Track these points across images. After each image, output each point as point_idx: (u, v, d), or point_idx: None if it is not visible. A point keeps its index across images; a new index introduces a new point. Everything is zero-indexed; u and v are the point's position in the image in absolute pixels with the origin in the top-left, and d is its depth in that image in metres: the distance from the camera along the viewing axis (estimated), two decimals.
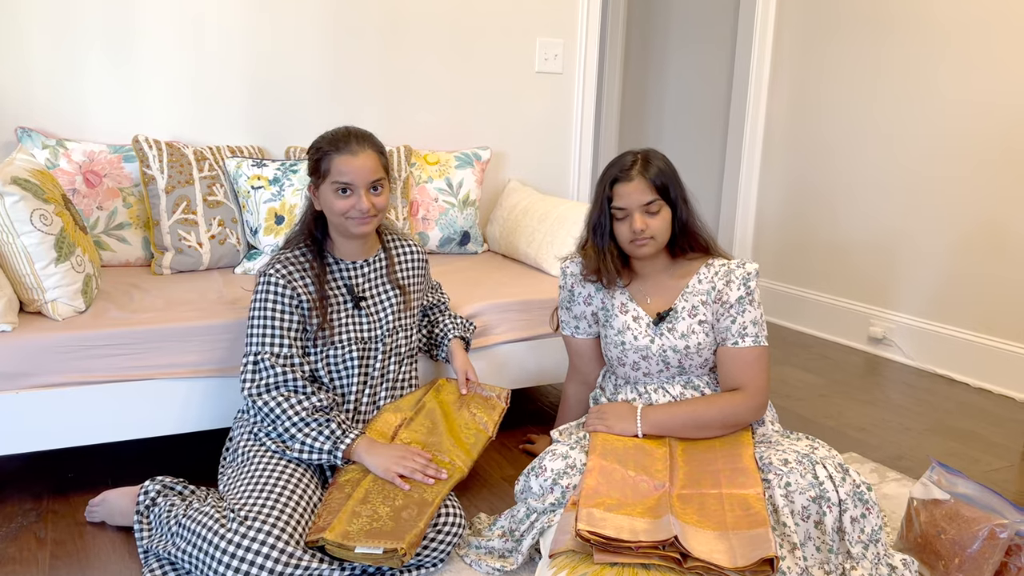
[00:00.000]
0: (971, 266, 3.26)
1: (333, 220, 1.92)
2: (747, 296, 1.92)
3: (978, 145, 3.20)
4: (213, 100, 2.85)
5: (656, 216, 1.90)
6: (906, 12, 3.42)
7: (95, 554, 1.84)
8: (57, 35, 2.60)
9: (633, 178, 1.90)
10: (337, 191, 1.86)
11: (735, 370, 1.92)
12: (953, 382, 3.28)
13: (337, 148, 1.86)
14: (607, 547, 1.51)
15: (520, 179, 3.42)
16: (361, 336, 1.96)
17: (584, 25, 3.47)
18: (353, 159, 1.85)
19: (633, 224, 1.89)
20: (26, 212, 1.94)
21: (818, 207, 3.89)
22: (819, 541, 1.67)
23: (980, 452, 2.58)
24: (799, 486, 1.67)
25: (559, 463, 1.82)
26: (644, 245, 1.92)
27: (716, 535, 1.53)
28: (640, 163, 1.92)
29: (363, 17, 3.04)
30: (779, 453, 1.77)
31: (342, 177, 1.85)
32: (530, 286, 2.61)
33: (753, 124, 4.10)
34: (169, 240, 2.53)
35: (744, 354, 1.91)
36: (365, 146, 1.88)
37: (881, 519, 1.73)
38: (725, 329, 1.93)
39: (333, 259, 1.98)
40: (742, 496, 1.64)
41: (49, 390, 1.93)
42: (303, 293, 1.88)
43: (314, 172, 1.90)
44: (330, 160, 1.86)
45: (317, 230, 1.97)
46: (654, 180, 1.89)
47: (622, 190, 1.91)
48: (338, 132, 1.91)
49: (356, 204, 1.86)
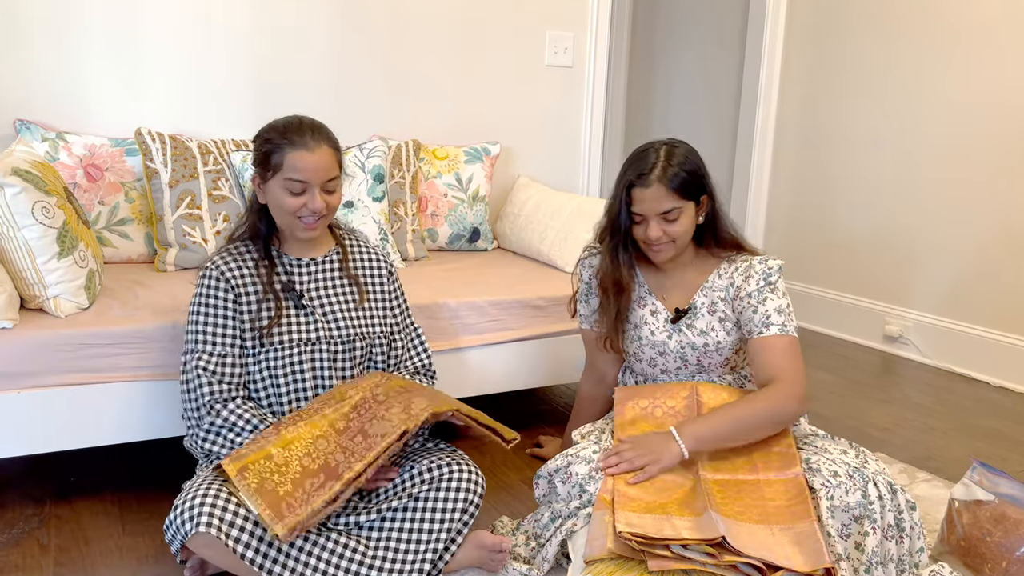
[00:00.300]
0: (988, 262, 3.21)
1: (279, 218, 1.76)
2: (767, 286, 1.83)
3: (993, 143, 3.14)
4: (217, 92, 2.78)
5: (675, 223, 1.82)
6: (917, 11, 3.37)
7: (102, 561, 1.77)
8: (57, 26, 2.53)
9: (651, 184, 1.79)
10: (288, 189, 1.70)
11: (765, 361, 1.80)
12: (972, 380, 3.22)
13: (291, 142, 1.69)
14: (656, 552, 1.45)
15: (529, 175, 3.36)
16: (306, 337, 1.77)
17: (594, 18, 3.40)
18: (309, 155, 1.69)
19: (648, 232, 1.82)
20: (27, 204, 1.86)
21: (830, 205, 3.83)
22: (856, 562, 1.59)
23: (1007, 451, 2.52)
24: (844, 503, 1.58)
25: (584, 468, 1.75)
26: (661, 251, 1.86)
27: (761, 528, 1.47)
28: (660, 167, 1.79)
29: (370, 10, 2.97)
30: (828, 462, 1.67)
31: (295, 174, 1.68)
32: (543, 283, 2.55)
33: (764, 122, 4.04)
34: (173, 236, 2.45)
35: (771, 343, 1.79)
36: (321, 141, 1.71)
37: (923, 540, 1.64)
38: (748, 321, 1.83)
39: (277, 254, 1.82)
40: (782, 483, 1.57)
41: (51, 390, 1.86)
42: (242, 290, 1.74)
43: (262, 164, 1.73)
44: (282, 154, 1.69)
45: (262, 224, 1.80)
46: (674, 184, 1.79)
47: (639, 195, 1.81)
48: (291, 122, 1.73)
49: (308, 203, 1.71)
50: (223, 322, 1.73)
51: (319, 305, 1.82)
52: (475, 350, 2.37)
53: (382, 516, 1.65)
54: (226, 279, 1.73)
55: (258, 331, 1.73)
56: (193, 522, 1.47)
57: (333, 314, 1.82)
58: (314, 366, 1.78)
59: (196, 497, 1.50)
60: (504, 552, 1.70)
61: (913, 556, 1.64)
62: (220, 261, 1.76)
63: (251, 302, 1.74)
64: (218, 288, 1.73)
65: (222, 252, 1.78)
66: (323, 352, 1.78)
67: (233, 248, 1.79)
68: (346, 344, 1.81)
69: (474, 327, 2.35)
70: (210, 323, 1.72)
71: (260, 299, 1.75)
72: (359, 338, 1.83)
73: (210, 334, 1.72)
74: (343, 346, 1.81)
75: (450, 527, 1.65)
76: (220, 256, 1.77)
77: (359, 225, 2.61)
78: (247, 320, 1.73)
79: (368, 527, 1.65)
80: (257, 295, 1.75)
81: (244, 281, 1.75)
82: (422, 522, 1.65)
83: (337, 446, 1.58)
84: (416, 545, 1.63)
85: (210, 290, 1.73)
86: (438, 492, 1.67)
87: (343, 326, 1.82)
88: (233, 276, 1.74)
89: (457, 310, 2.32)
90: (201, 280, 1.75)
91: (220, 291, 1.73)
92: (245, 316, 1.74)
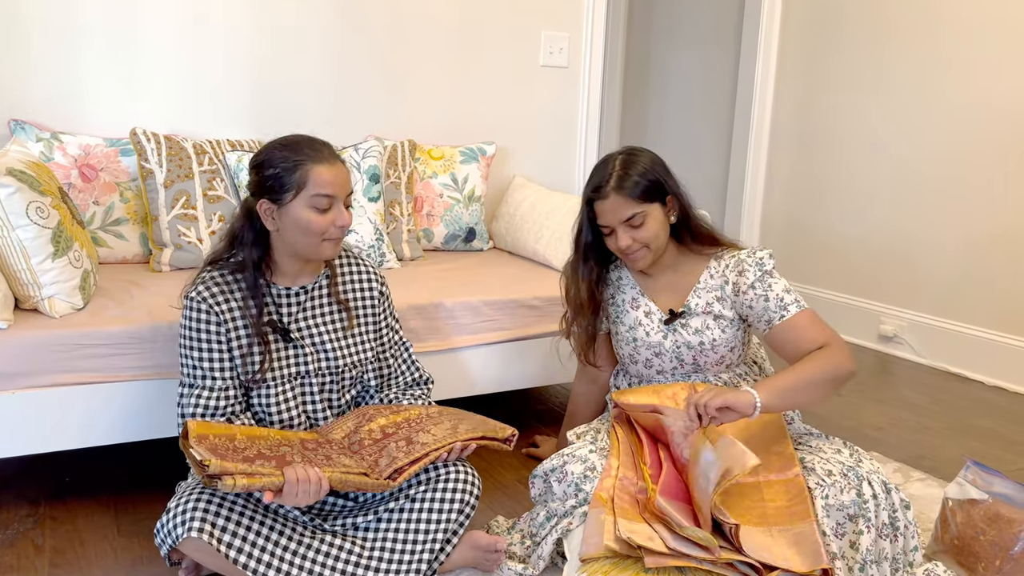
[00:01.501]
0: (983, 262, 3.21)
1: (302, 241, 1.66)
2: (765, 274, 1.84)
3: (987, 144, 3.15)
4: (214, 92, 2.77)
5: (642, 227, 1.83)
6: (912, 13, 3.38)
7: (96, 563, 1.77)
8: (56, 26, 2.52)
9: (608, 195, 1.82)
10: (316, 207, 1.63)
11: (802, 337, 1.76)
12: (966, 380, 3.23)
13: (311, 158, 1.63)
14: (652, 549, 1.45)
15: (525, 175, 3.35)
16: (295, 371, 1.73)
17: (590, 18, 3.40)
18: (332, 168, 1.64)
19: (618, 242, 1.84)
20: (22, 204, 1.86)
21: (825, 206, 3.84)
22: (851, 560, 1.59)
23: (1002, 451, 2.53)
24: (839, 502, 1.59)
25: (579, 467, 1.76)
26: (637, 258, 1.87)
27: (760, 531, 1.48)
28: (615, 177, 1.81)
29: (367, 11, 2.97)
30: (822, 462, 1.68)
31: (324, 189, 1.62)
32: (538, 283, 2.55)
33: (759, 122, 4.04)
34: (168, 236, 2.45)
35: (797, 321, 1.77)
36: (336, 155, 1.68)
37: (918, 539, 1.65)
38: (763, 311, 1.82)
39: (266, 284, 1.73)
40: (781, 484, 1.58)
41: (46, 390, 1.86)
42: (230, 324, 1.67)
43: (276, 189, 1.63)
44: (305, 171, 1.62)
45: (255, 255, 1.70)
46: (632, 192, 1.81)
47: (600, 208, 1.85)
48: (300, 140, 1.67)
49: (336, 220, 1.65)
50: (219, 355, 1.67)
51: (307, 335, 1.76)
52: (470, 350, 2.36)
53: (378, 517, 1.65)
54: (215, 312, 1.66)
55: (249, 370, 1.69)
56: (185, 526, 1.46)
57: (322, 344, 1.77)
58: (304, 399, 1.76)
59: (189, 501, 1.50)
60: (499, 552, 1.70)
61: (907, 555, 1.64)
62: (206, 292, 1.67)
63: (240, 337, 1.68)
64: (209, 320, 1.66)
65: (206, 280, 1.69)
66: (312, 385, 1.76)
67: (219, 276, 1.70)
68: (335, 375, 1.78)
69: (469, 327, 2.35)
70: (204, 356, 1.66)
71: (249, 336, 1.68)
72: (348, 367, 1.80)
73: (206, 368, 1.66)
74: (332, 376, 1.78)
75: (446, 528, 1.65)
76: (205, 285, 1.68)
77: (355, 225, 2.61)
78: (237, 356, 1.68)
79: (364, 528, 1.65)
80: (247, 330, 1.69)
81: (233, 315, 1.68)
82: (418, 523, 1.65)
83: (300, 452, 1.57)
84: (412, 546, 1.63)
85: (199, 323, 1.66)
86: (434, 493, 1.67)
87: (332, 356, 1.77)
88: (221, 311, 1.67)
89: (452, 310, 2.32)
90: (187, 311, 1.67)
91: (211, 323, 1.66)
92: (235, 352, 1.68)
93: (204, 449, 1.44)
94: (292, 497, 1.45)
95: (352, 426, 1.73)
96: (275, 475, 1.45)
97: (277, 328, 1.72)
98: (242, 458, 1.47)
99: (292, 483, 1.45)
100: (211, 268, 1.72)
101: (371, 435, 1.69)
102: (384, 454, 1.63)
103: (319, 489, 1.47)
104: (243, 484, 1.41)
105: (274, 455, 1.52)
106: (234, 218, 1.74)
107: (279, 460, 1.51)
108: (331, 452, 1.62)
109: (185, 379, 1.68)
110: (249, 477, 1.42)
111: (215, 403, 1.65)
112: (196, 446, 1.45)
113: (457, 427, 1.72)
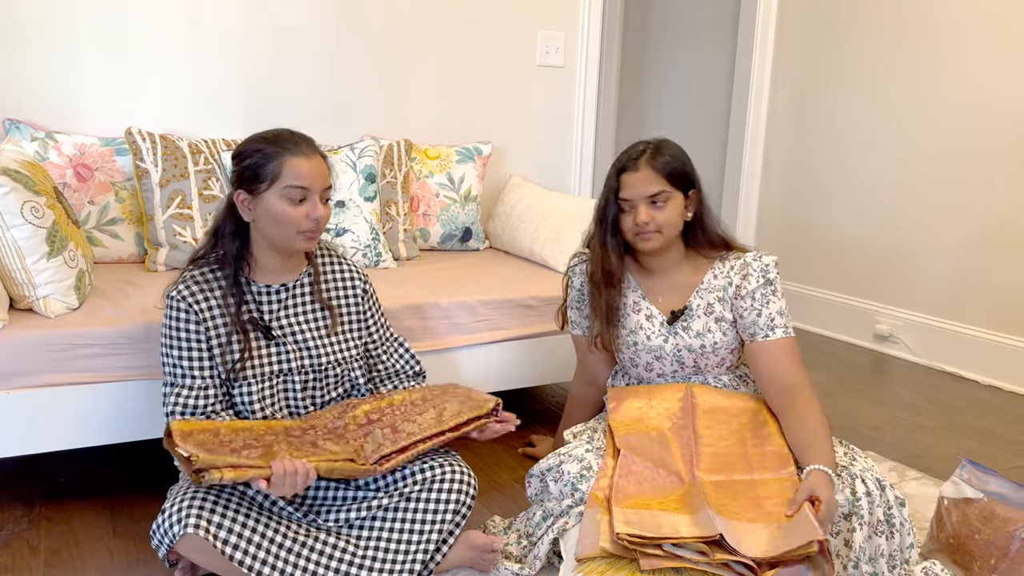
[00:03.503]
0: (978, 262, 3.22)
1: (276, 233, 1.68)
2: (768, 286, 1.84)
3: (984, 144, 3.16)
4: (210, 93, 2.77)
5: (662, 209, 1.82)
6: (908, 13, 3.38)
7: (92, 563, 1.76)
8: (53, 28, 2.51)
9: (640, 167, 1.82)
10: (289, 198, 1.64)
11: (774, 365, 1.81)
12: (962, 379, 3.24)
13: (287, 149, 1.65)
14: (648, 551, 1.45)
15: (521, 175, 3.35)
16: (277, 369, 1.73)
17: (586, 18, 3.40)
18: (307, 161, 1.66)
19: (637, 216, 1.82)
20: (17, 204, 1.85)
21: (821, 205, 3.84)
22: (845, 558, 1.59)
23: (997, 450, 2.54)
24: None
25: (575, 466, 1.76)
26: (649, 239, 1.84)
27: (757, 527, 1.48)
28: (651, 152, 1.83)
29: (363, 10, 2.97)
30: None
31: (297, 180, 1.64)
32: (535, 282, 2.55)
33: (755, 121, 4.05)
34: (164, 236, 2.44)
35: (779, 346, 1.81)
36: (315, 150, 1.70)
37: (913, 536, 1.65)
38: (752, 323, 1.84)
39: (246, 281, 1.74)
40: (776, 481, 1.58)
41: (41, 390, 1.85)
42: (210, 323, 1.68)
43: (252, 178, 1.65)
44: (279, 162, 1.64)
45: (234, 248, 1.72)
46: (663, 170, 1.81)
47: (628, 180, 1.83)
48: (280, 133, 1.69)
49: (311, 212, 1.66)
50: (198, 354, 1.67)
51: (289, 333, 1.76)
52: (466, 350, 2.36)
53: (372, 515, 1.65)
54: (194, 311, 1.66)
55: (229, 366, 1.69)
56: (181, 524, 1.46)
57: (305, 342, 1.77)
58: (287, 396, 1.76)
59: (184, 500, 1.50)
60: (496, 552, 1.70)
61: (904, 552, 1.64)
62: (186, 291, 1.68)
63: (220, 335, 1.69)
64: (188, 320, 1.67)
65: (186, 279, 1.70)
66: (295, 383, 1.75)
67: (199, 275, 1.71)
68: (318, 373, 1.78)
69: (465, 327, 2.35)
70: (184, 355, 1.67)
71: (229, 332, 1.69)
72: (331, 365, 1.80)
73: (186, 367, 1.67)
74: (315, 374, 1.78)
75: (441, 528, 1.65)
76: (184, 284, 1.69)
77: (351, 225, 2.61)
78: (217, 353, 1.68)
79: (359, 526, 1.65)
80: (226, 327, 1.69)
81: (213, 313, 1.68)
82: (413, 523, 1.65)
83: (285, 440, 1.59)
84: (407, 546, 1.63)
85: (179, 322, 1.67)
86: (430, 493, 1.67)
87: (315, 354, 1.77)
88: (200, 309, 1.67)
89: (448, 310, 2.32)
90: (168, 311, 1.68)
91: (190, 323, 1.67)
92: (215, 349, 1.68)
93: (190, 445, 1.45)
94: (280, 488, 1.48)
95: (337, 413, 1.74)
96: (262, 467, 1.46)
97: (258, 325, 1.73)
98: (229, 450, 1.48)
99: (280, 475, 1.47)
100: (193, 267, 1.73)
101: (355, 420, 1.70)
102: (369, 439, 1.65)
103: (306, 479, 1.50)
104: (230, 477, 1.43)
105: (260, 444, 1.53)
106: (218, 212, 1.76)
107: (265, 448, 1.52)
108: (316, 438, 1.63)
109: (167, 378, 1.69)
110: (236, 470, 1.44)
111: (195, 401, 1.66)
112: (181, 443, 1.46)
113: (442, 415, 1.73)
